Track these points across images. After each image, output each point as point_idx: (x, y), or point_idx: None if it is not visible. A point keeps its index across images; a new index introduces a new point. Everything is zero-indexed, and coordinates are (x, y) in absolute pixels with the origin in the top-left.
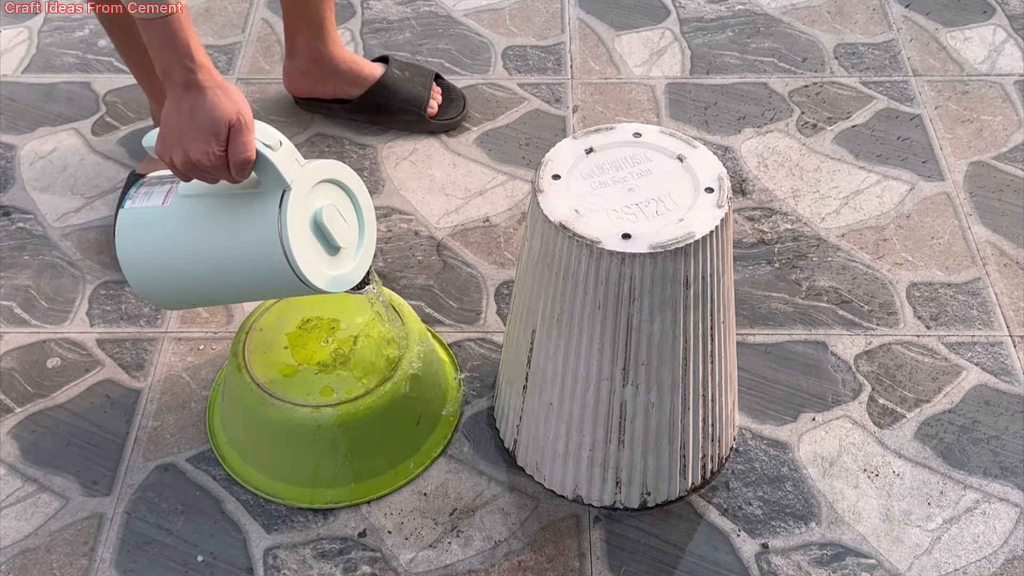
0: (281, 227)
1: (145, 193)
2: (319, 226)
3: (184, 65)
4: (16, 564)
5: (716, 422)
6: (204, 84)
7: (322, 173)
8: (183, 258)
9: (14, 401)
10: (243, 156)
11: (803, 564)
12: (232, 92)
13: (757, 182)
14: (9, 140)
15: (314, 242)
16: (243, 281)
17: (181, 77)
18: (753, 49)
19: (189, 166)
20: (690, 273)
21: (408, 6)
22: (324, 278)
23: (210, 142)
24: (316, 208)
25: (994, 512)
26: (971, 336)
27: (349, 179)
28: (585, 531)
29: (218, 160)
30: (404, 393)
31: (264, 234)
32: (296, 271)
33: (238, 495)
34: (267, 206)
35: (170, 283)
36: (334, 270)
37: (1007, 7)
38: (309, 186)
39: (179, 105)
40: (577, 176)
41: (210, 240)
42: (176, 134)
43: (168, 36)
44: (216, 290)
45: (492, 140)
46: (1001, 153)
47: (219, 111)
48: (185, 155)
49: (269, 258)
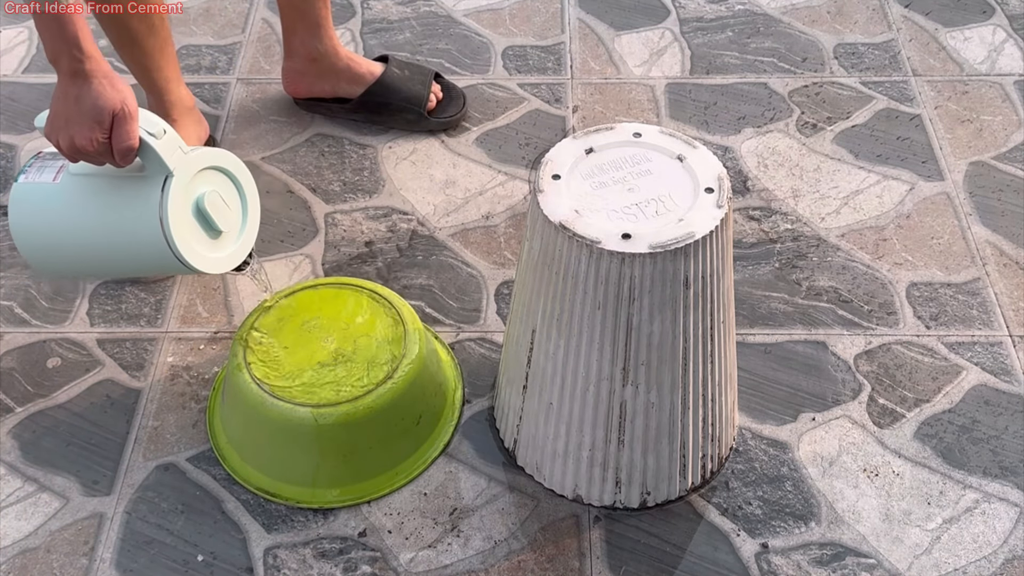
0: (162, 211)
1: (39, 168)
2: (200, 211)
3: (72, 54)
4: (16, 564)
5: (716, 422)
6: (91, 73)
7: (206, 161)
8: (70, 233)
9: (14, 401)
10: (126, 144)
11: (803, 564)
12: (117, 82)
13: (757, 182)
14: (9, 140)
15: (195, 225)
16: (126, 258)
17: (69, 66)
18: (753, 49)
19: (74, 150)
20: (690, 273)
21: (408, 6)
22: (203, 259)
23: (94, 129)
24: (199, 194)
25: (994, 512)
26: (971, 336)
27: (234, 167)
28: (585, 531)
29: (101, 146)
30: (404, 393)
31: (146, 216)
32: (175, 252)
33: (238, 495)
34: (150, 190)
35: (58, 256)
36: (214, 252)
37: (1007, 7)
38: (192, 173)
39: (66, 92)
40: (577, 176)
41: (96, 218)
42: (62, 119)
43: (59, 26)
44: (101, 265)
45: (492, 140)
46: (1001, 153)
47: (104, 100)
48: (70, 140)
49: (150, 239)
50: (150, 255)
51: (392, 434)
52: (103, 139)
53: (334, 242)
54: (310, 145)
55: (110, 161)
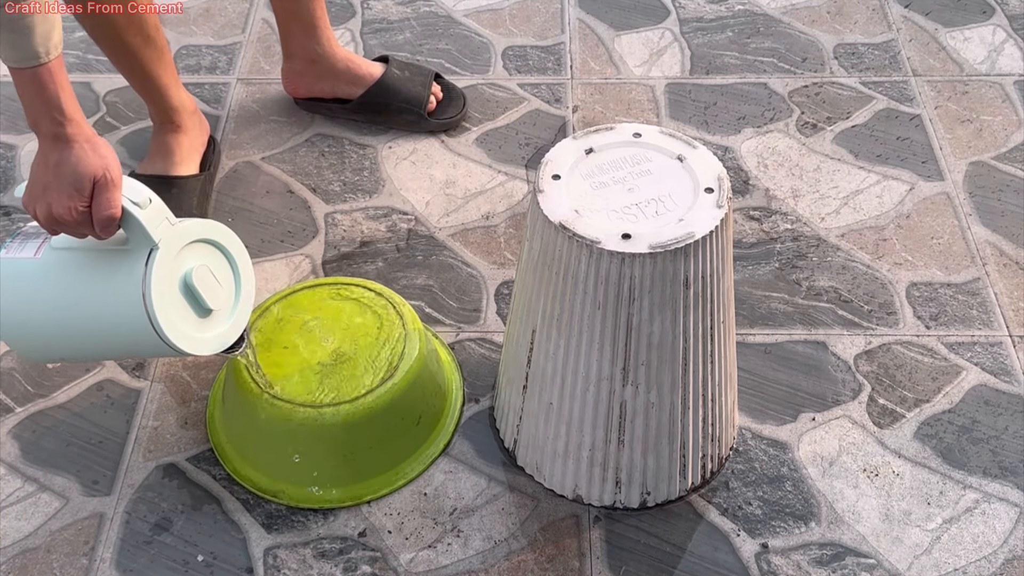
0: (145, 287)
1: (20, 243)
2: (188, 287)
3: (53, 117)
4: (16, 564)
5: (716, 422)
6: (72, 138)
7: (195, 233)
8: (50, 312)
9: (14, 401)
10: (107, 213)
11: (803, 564)
12: (100, 147)
13: (757, 182)
14: (9, 140)
15: (183, 303)
16: (109, 339)
17: (49, 129)
18: (753, 49)
19: (52, 220)
20: (690, 273)
21: (408, 6)
22: (191, 340)
23: (73, 197)
24: (187, 269)
25: (994, 512)
26: (971, 336)
27: (226, 239)
28: (585, 531)
29: (80, 216)
30: (404, 393)
31: (129, 293)
32: (159, 332)
33: (238, 495)
34: (133, 264)
35: (40, 337)
36: (203, 332)
37: (1007, 7)
38: (180, 246)
39: (46, 158)
40: (577, 176)
41: (77, 296)
42: (40, 186)
43: (38, 87)
44: (84, 347)
45: (492, 140)
46: (1001, 153)
47: (84, 166)
48: (48, 209)
49: (133, 318)
50: (133, 335)
51: (392, 434)
52: (83, 208)
53: (334, 242)
54: (310, 145)
55: (91, 232)
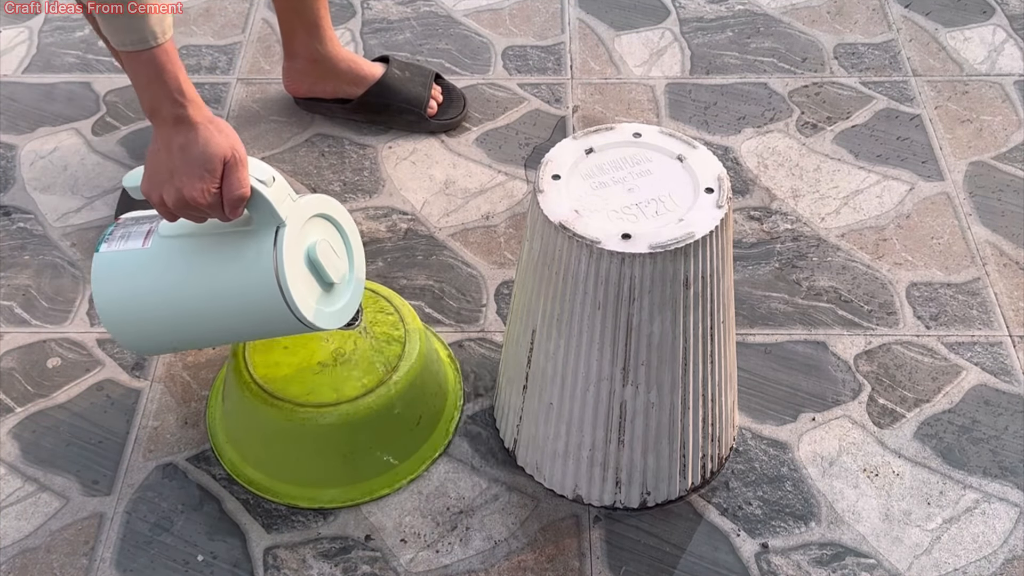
0: (278, 265)
1: (122, 235)
2: (312, 262)
3: (174, 100)
4: (16, 564)
5: (716, 422)
6: (195, 120)
7: (314, 208)
8: (170, 302)
9: (14, 401)
10: (238, 193)
11: (803, 564)
12: (224, 127)
13: (757, 182)
14: (9, 140)
15: (309, 278)
16: (235, 323)
17: (171, 113)
18: (753, 49)
19: (182, 204)
20: (690, 273)
21: (408, 6)
22: (321, 315)
23: (205, 179)
24: (309, 244)
25: (994, 512)
26: (971, 336)
27: (338, 213)
28: (585, 531)
29: (213, 197)
30: (404, 393)
31: (258, 273)
32: (294, 310)
33: (238, 495)
34: (261, 244)
35: (155, 328)
36: (328, 306)
37: (1007, 7)
38: (302, 222)
39: (169, 142)
40: (577, 176)
41: (199, 282)
42: (167, 172)
43: (156, 70)
44: (205, 333)
45: (492, 140)
46: (1001, 153)
47: (213, 147)
48: (178, 193)
49: (264, 298)
50: (264, 315)
51: (392, 434)
52: (215, 189)
53: None
54: (310, 145)
55: (218, 214)
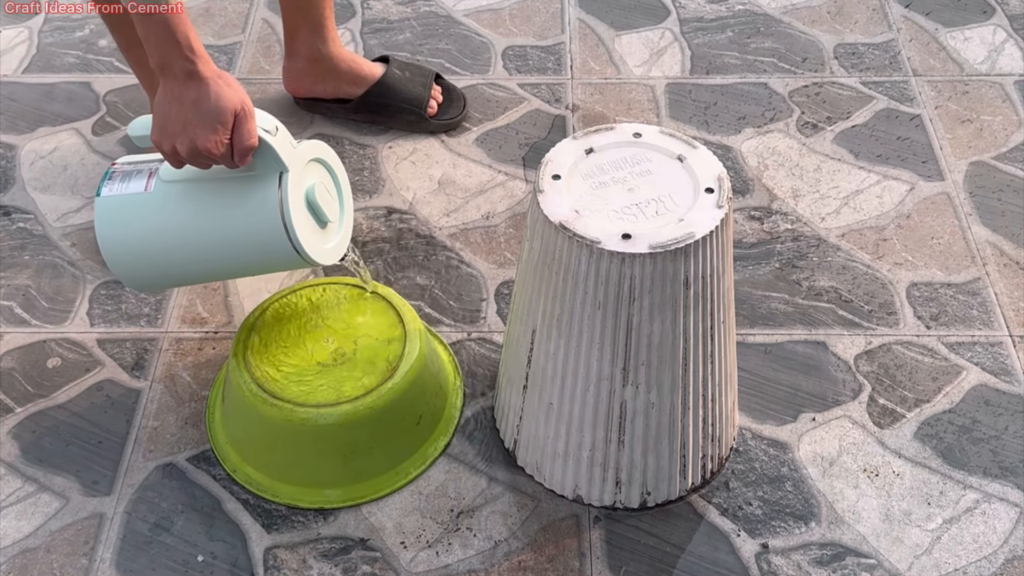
0: (283, 207)
1: (122, 178)
2: (310, 203)
3: (185, 56)
4: (16, 564)
5: (716, 422)
6: (205, 75)
7: (311, 153)
8: (180, 243)
9: (14, 401)
10: (248, 143)
11: (803, 564)
12: (232, 82)
13: (757, 182)
14: (9, 140)
15: (308, 218)
16: (241, 260)
17: (182, 68)
18: (753, 49)
19: (195, 154)
20: (690, 273)
21: (408, 6)
22: (320, 252)
23: (217, 131)
24: (308, 186)
25: (994, 512)
26: (971, 336)
27: (330, 157)
28: (585, 531)
29: (226, 148)
30: (404, 393)
31: (266, 215)
32: (298, 249)
33: (238, 495)
34: (267, 188)
35: (161, 268)
36: (325, 243)
37: (1007, 7)
38: (301, 166)
39: (180, 96)
40: (577, 176)
41: (208, 224)
42: (179, 123)
43: (169, 29)
44: (212, 270)
45: (492, 140)
46: (1001, 153)
47: (224, 101)
48: (192, 144)
49: (272, 238)
50: (268, 252)
51: (392, 434)
52: (227, 140)
53: None
54: None
55: (227, 162)
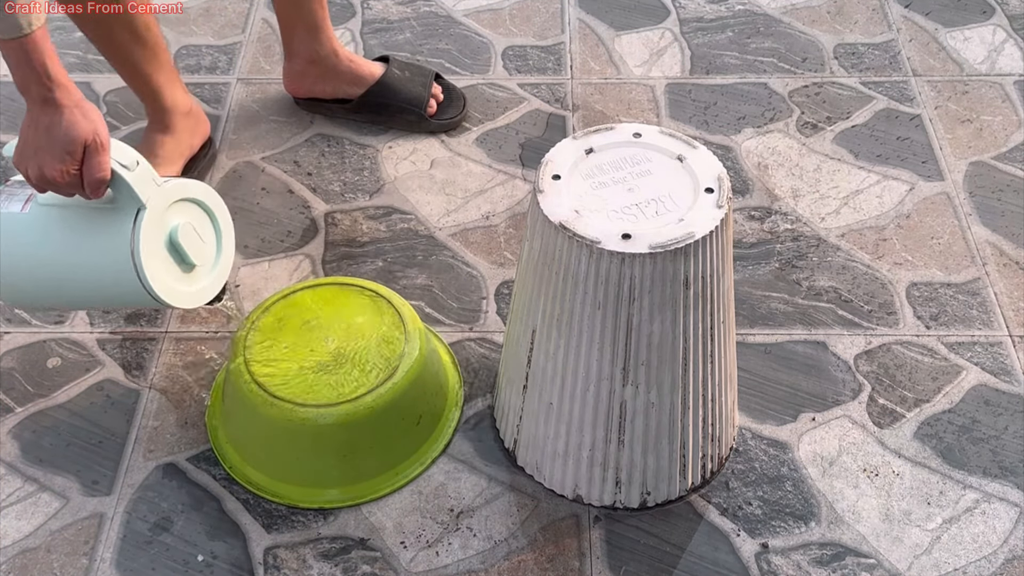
0: (134, 245)
1: (7, 197)
2: (173, 243)
3: (41, 83)
4: (16, 564)
5: (716, 422)
6: (61, 102)
7: (179, 193)
8: (39, 265)
9: (14, 401)
10: (97, 176)
11: (803, 564)
12: (90, 111)
13: (757, 182)
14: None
15: (168, 259)
16: (96, 291)
17: (39, 94)
18: (753, 49)
19: (43, 181)
20: (690, 273)
21: (408, 6)
22: (175, 293)
23: (65, 160)
24: (172, 226)
25: (994, 512)
26: (971, 336)
27: (209, 198)
28: (585, 531)
29: (72, 178)
30: (404, 393)
31: (118, 250)
32: (146, 286)
33: (238, 495)
34: (122, 223)
35: (27, 287)
36: (187, 286)
37: (1007, 7)
38: (165, 205)
39: (37, 121)
40: (577, 176)
41: (66, 250)
42: (32, 148)
43: (24, 57)
44: (70, 297)
45: (492, 140)
46: (1001, 153)
47: (76, 130)
48: (40, 170)
49: (122, 272)
50: (121, 288)
51: (392, 434)
52: (74, 171)
53: (334, 242)
54: (310, 145)
55: (80, 193)
